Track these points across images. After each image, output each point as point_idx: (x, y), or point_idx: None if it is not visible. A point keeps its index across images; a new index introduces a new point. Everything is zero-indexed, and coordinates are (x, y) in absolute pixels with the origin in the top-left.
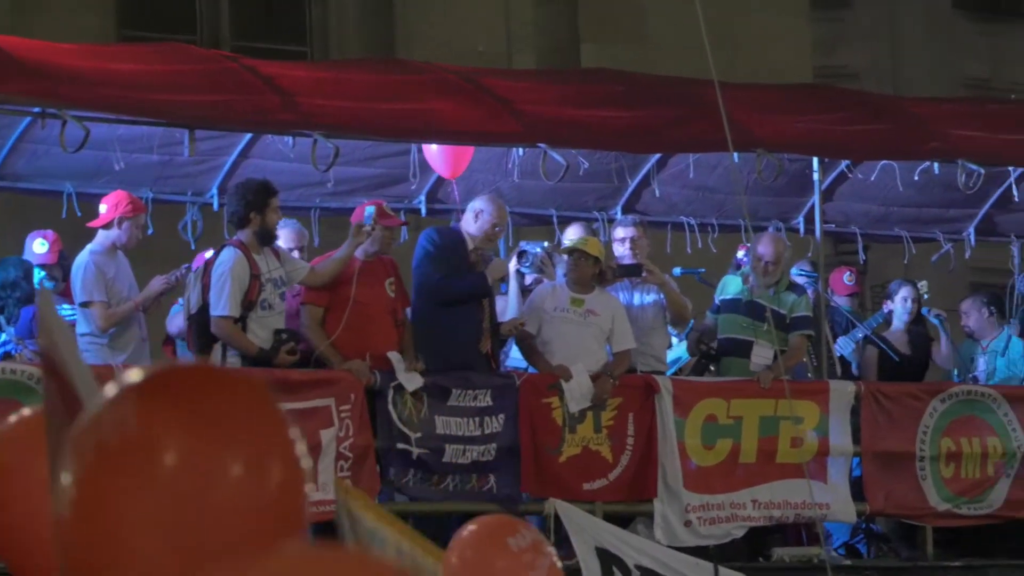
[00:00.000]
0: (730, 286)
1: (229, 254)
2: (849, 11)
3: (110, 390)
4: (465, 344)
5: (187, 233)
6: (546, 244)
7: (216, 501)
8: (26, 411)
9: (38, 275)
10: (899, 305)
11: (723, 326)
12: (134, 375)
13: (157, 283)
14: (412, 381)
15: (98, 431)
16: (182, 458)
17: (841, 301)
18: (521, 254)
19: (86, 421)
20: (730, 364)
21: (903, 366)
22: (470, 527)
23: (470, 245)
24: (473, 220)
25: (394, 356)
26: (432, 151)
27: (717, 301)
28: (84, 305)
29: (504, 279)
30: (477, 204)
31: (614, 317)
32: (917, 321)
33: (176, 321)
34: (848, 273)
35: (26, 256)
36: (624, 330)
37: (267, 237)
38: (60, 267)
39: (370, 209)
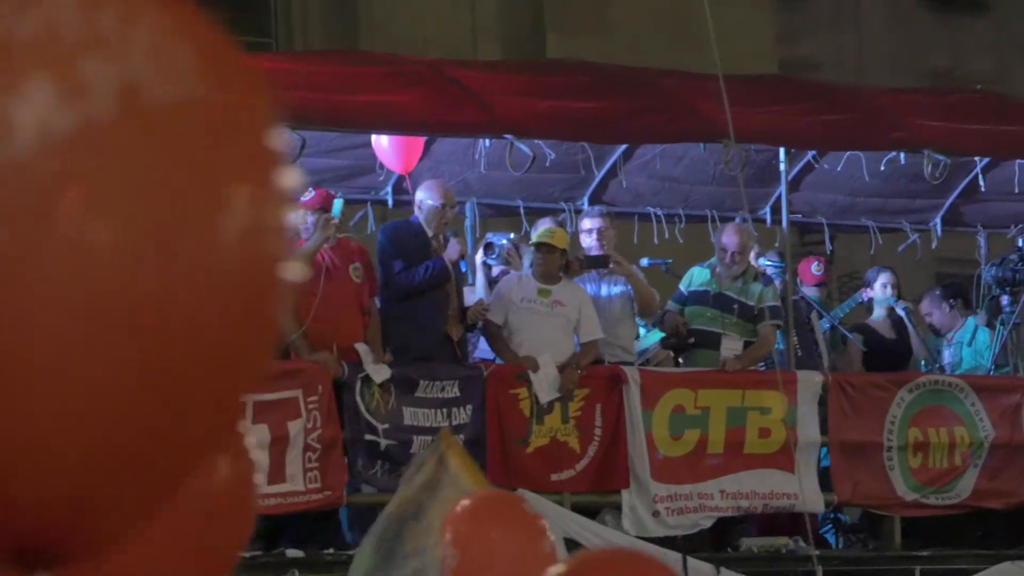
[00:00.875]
0: (697, 277)
1: None
2: (812, 2)
3: None
4: (430, 333)
5: None
6: (512, 236)
7: None
8: None
9: None
10: (879, 292)
11: (690, 318)
12: None
13: None
14: (380, 373)
15: None
16: None
17: (809, 291)
18: (487, 246)
19: None
20: (699, 355)
21: (888, 350)
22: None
23: (429, 233)
24: (419, 211)
25: (361, 348)
26: (383, 147)
27: (684, 291)
28: None
29: (464, 257)
30: (418, 196)
31: (581, 308)
32: (893, 309)
33: None
34: (816, 263)
35: None
36: (591, 321)
37: None
38: None
39: (338, 201)
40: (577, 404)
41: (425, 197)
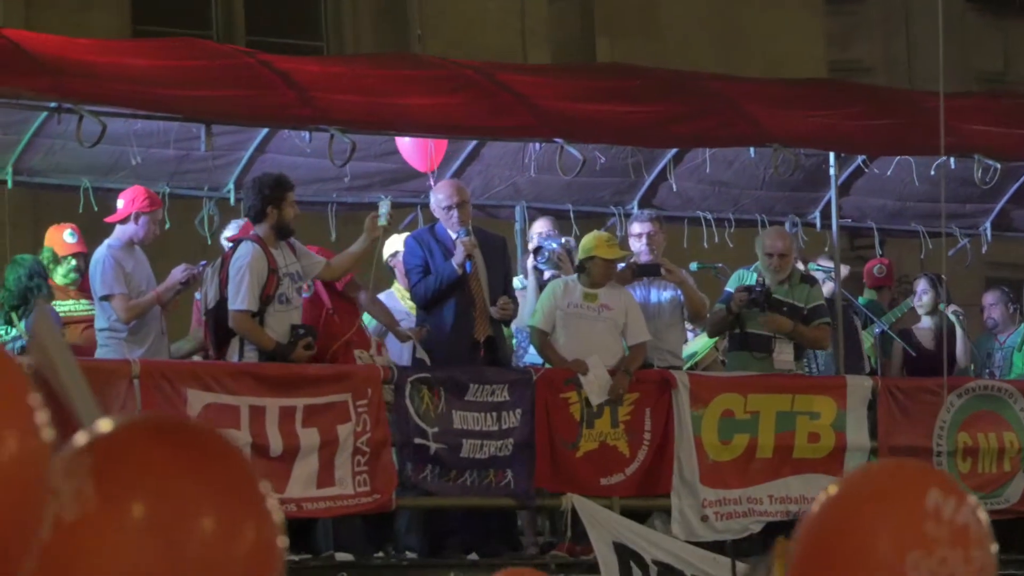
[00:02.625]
0: (743, 280)
1: (247, 248)
2: (862, 5)
3: (70, 451)
4: (457, 338)
5: (203, 228)
6: (564, 240)
7: (186, 564)
8: None
9: (68, 264)
10: (918, 299)
11: (742, 320)
12: (96, 430)
13: (177, 273)
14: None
15: (57, 505)
16: (148, 524)
17: (870, 294)
18: (537, 250)
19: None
20: (749, 359)
21: (927, 360)
22: None
23: (452, 237)
24: (438, 214)
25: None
26: (406, 145)
27: (731, 292)
28: (104, 299)
29: (471, 258)
30: (432, 200)
31: (628, 311)
32: (937, 315)
33: None
34: (879, 265)
35: (52, 246)
36: (638, 323)
37: (284, 231)
38: (85, 259)
39: (385, 203)
40: (627, 408)
41: (436, 199)
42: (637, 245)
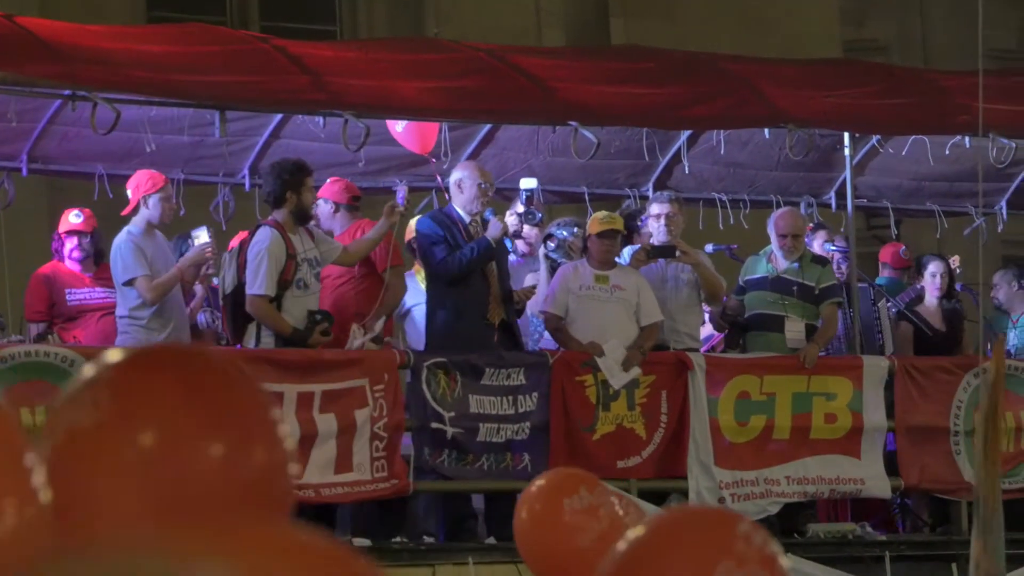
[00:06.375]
0: (752, 266)
1: (265, 233)
2: None
3: (87, 370)
4: (472, 320)
5: (219, 214)
6: (576, 230)
7: (194, 484)
8: None
9: (72, 243)
10: (928, 280)
11: (751, 303)
12: (113, 355)
13: (197, 249)
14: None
15: (72, 411)
16: (158, 442)
17: (893, 274)
18: (548, 237)
19: (61, 400)
20: (762, 339)
21: (936, 341)
22: (537, 481)
23: (466, 220)
24: (459, 192)
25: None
26: (398, 128)
27: (742, 282)
28: (127, 284)
29: (507, 234)
30: (455, 176)
31: (640, 291)
32: (949, 296)
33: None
34: (904, 248)
35: (60, 229)
36: (650, 303)
37: (303, 217)
38: (92, 241)
39: (402, 189)
40: (643, 391)
41: (464, 176)
42: (655, 226)
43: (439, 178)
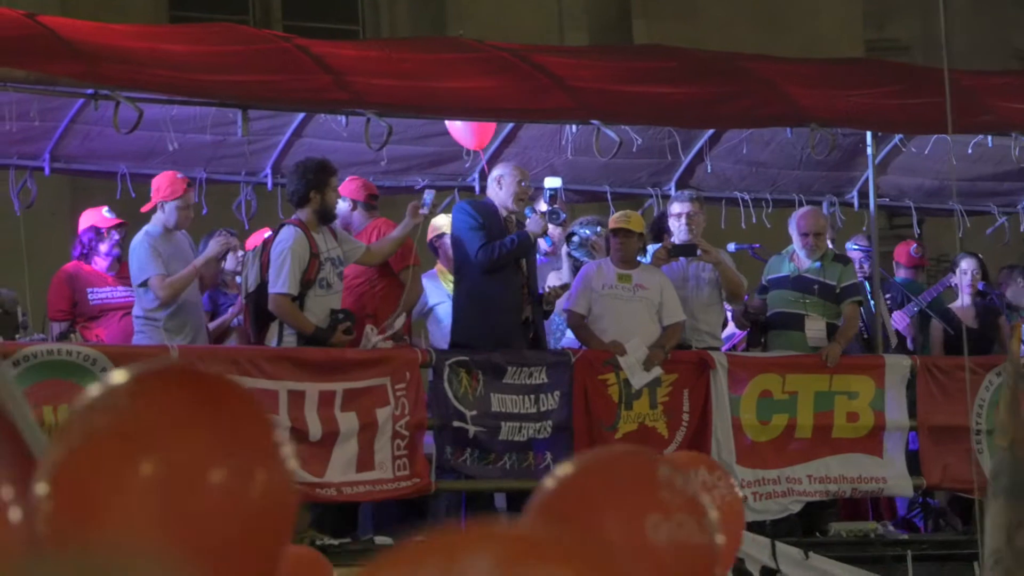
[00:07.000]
0: (775, 266)
1: (289, 232)
2: None
3: (103, 383)
4: (505, 314)
5: (241, 213)
6: (600, 229)
7: (200, 505)
8: None
9: (111, 239)
10: (960, 278)
11: (772, 302)
12: (123, 374)
13: (214, 245)
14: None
15: (90, 414)
16: (167, 458)
17: (907, 273)
18: (570, 236)
19: (80, 404)
20: (783, 337)
21: (969, 340)
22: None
23: (503, 214)
24: (498, 188)
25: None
26: (456, 124)
27: (765, 281)
28: (142, 285)
29: (546, 233)
30: (496, 172)
31: (662, 290)
32: (983, 294)
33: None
34: (915, 246)
35: (94, 224)
36: (673, 302)
37: (326, 216)
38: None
39: (430, 193)
40: (665, 389)
41: (505, 174)
42: (676, 225)
43: (484, 166)
